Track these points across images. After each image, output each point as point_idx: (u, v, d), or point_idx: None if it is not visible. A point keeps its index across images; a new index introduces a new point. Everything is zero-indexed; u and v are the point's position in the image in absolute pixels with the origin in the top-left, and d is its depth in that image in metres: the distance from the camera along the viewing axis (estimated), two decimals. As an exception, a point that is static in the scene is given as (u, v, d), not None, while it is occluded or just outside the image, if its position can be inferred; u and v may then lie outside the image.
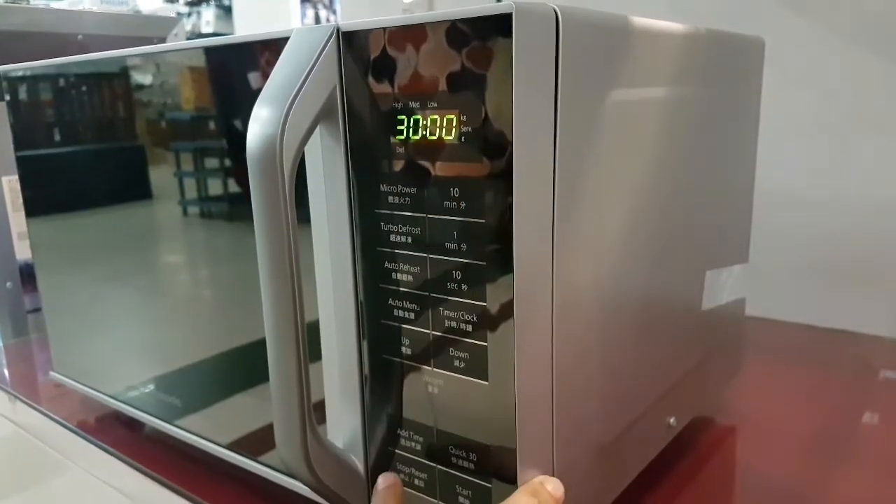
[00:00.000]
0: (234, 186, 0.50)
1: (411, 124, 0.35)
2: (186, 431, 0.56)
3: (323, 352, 0.43)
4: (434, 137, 0.35)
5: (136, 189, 0.58)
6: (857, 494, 0.51)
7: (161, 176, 0.55)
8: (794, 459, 0.55)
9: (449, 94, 0.34)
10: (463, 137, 0.34)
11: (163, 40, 1.18)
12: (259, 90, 0.36)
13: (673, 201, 0.47)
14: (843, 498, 0.50)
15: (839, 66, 0.78)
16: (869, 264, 0.79)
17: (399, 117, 0.36)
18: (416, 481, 0.40)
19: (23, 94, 0.68)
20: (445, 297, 0.37)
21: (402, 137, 0.36)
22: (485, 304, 0.35)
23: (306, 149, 0.38)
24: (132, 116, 0.56)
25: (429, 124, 0.35)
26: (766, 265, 0.70)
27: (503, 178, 0.33)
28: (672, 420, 0.51)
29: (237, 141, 0.47)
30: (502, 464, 0.36)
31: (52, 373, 0.71)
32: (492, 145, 0.33)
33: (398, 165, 0.37)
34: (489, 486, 0.37)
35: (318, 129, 0.38)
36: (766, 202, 0.63)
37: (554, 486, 0.36)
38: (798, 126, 0.80)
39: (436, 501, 0.40)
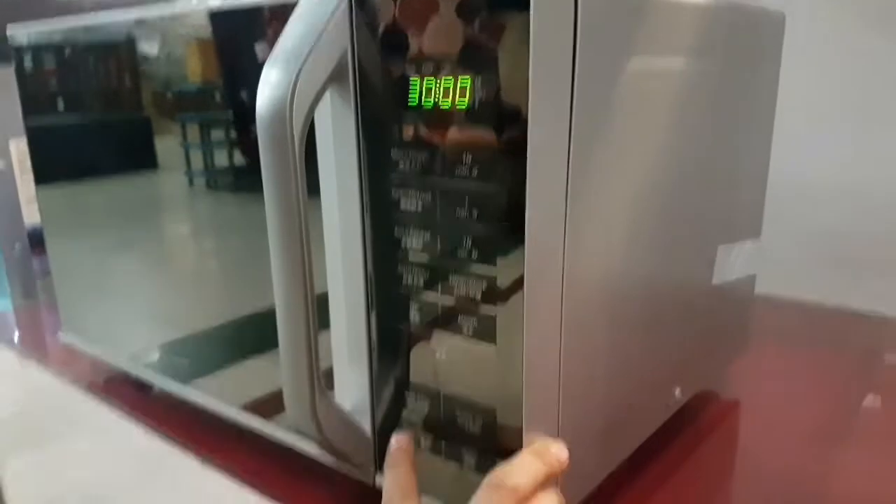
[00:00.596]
0: (239, 157, 0.50)
1: (423, 90, 0.35)
2: (195, 392, 0.57)
3: (331, 318, 0.43)
4: (447, 104, 0.35)
5: (142, 159, 0.58)
6: (855, 473, 0.51)
7: (167, 146, 0.55)
8: (795, 435, 0.56)
9: (463, 61, 0.34)
10: (476, 105, 0.34)
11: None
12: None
13: (686, 176, 0.46)
14: (841, 476, 0.51)
15: (855, 47, 0.77)
16: (880, 245, 0.79)
17: (411, 82, 0.36)
18: (422, 443, 0.41)
19: (34, 60, 0.67)
20: (455, 266, 0.37)
21: (414, 103, 0.36)
22: (495, 274, 0.35)
23: (316, 114, 0.38)
24: (138, 86, 0.56)
25: (441, 91, 0.35)
26: (777, 244, 0.70)
27: (517, 147, 0.33)
28: (677, 393, 0.51)
29: (244, 111, 0.47)
30: (508, 428, 0.37)
31: (61, 335, 0.71)
32: (506, 114, 0.33)
33: (409, 132, 0.36)
34: (494, 447, 0.38)
35: (328, 94, 0.38)
36: (777, 181, 0.62)
37: (558, 449, 0.36)
38: (815, 109, 0.79)
39: (441, 462, 0.40)
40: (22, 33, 0.66)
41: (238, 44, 0.47)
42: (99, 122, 0.63)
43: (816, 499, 0.48)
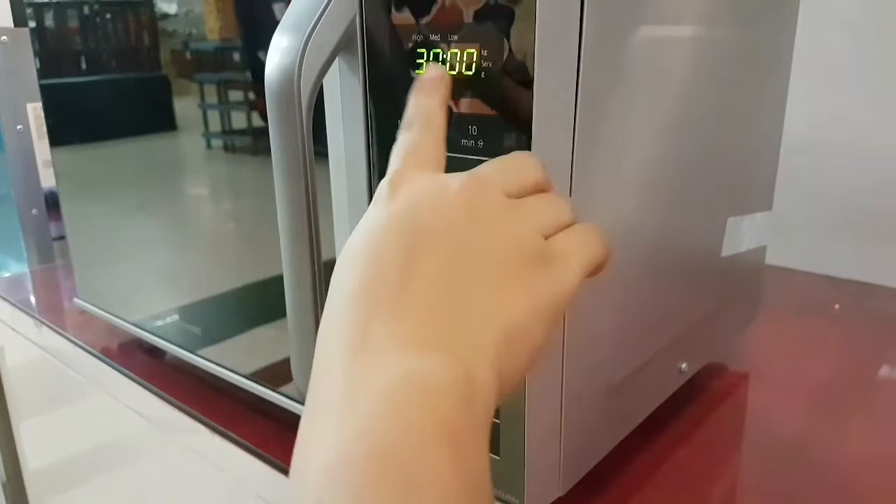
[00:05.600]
0: (257, 119, 0.50)
1: (431, 58, 0.35)
2: (206, 360, 0.58)
3: (339, 287, 0.43)
4: (454, 72, 0.34)
5: (160, 120, 0.58)
6: (864, 445, 0.51)
7: (185, 107, 0.55)
8: (804, 409, 0.56)
9: (472, 29, 0.33)
10: (483, 74, 0.33)
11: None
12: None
13: (697, 145, 0.46)
14: (851, 449, 0.51)
15: (874, 5, 0.75)
16: (894, 216, 0.78)
17: (419, 51, 0.35)
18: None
19: (51, 20, 0.67)
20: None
21: (422, 72, 0.35)
22: (500, 244, 0.35)
23: (325, 82, 0.38)
24: (156, 46, 0.56)
25: (449, 59, 0.34)
26: (789, 214, 0.69)
27: (525, 117, 0.32)
28: (684, 365, 0.51)
29: (261, 72, 0.47)
30: (511, 401, 0.37)
31: (76, 300, 0.72)
32: (514, 83, 0.32)
33: (417, 101, 0.36)
34: (497, 421, 0.38)
35: (336, 62, 0.38)
36: (792, 149, 0.61)
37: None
38: (829, 70, 0.78)
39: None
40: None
41: (256, 2, 0.47)
42: (116, 82, 0.63)
43: (826, 469, 0.48)
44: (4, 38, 0.94)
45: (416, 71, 0.36)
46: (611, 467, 0.46)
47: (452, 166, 0.35)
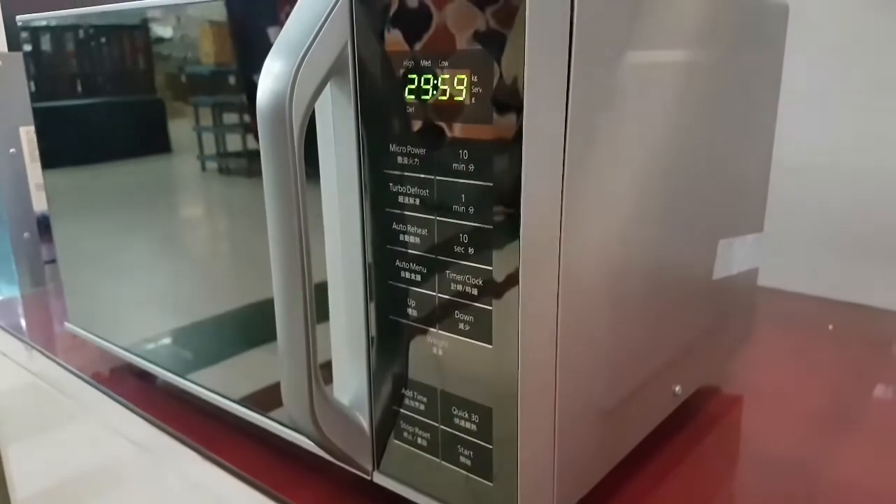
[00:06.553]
0: (252, 142, 0.50)
1: (423, 83, 0.35)
2: (197, 385, 0.57)
3: (330, 312, 0.43)
4: (445, 98, 0.34)
5: (153, 143, 0.58)
6: (860, 468, 0.51)
7: (179, 130, 0.55)
8: (799, 431, 0.55)
9: (463, 54, 0.33)
10: (474, 98, 0.33)
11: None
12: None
13: (688, 167, 0.46)
14: (846, 471, 0.50)
15: (862, 30, 0.76)
16: (887, 238, 0.78)
17: (410, 76, 0.35)
18: (420, 440, 0.41)
19: (44, 44, 0.67)
20: (452, 260, 0.36)
21: (413, 97, 0.36)
22: (491, 268, 0.35)
23: (317, 106, 0.38)
24: (151, 69, 0.56)
25: (440, 84, 0.34)
26: (782, 235, 0.70)
27: (513, 141, 0.33)
28: (678, 388, 0.51)
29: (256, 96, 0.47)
30: (504, 426, 0.37)
31: (66, 324, 0.72)
32: (503, 108, 0.33)
33: (408, 125, 0.36)
34: (490, 446, 0.38)
35: (328, 86, 0.38)
36: (784, 171, 0.62)
37: None
38: (819, 93, 0.78)
39: (438, 460, 0.40)
40: (33, 15, 0.66)
41: (252, 25, 0.47)
42: (110, 106, 0.63)
43: (821, 491, 0.48)
44: (-1, 62, 0.94)
45: (407, 96, 0.36)
46: (605, 492, 0.46)
47: (445, 189, 0.36)
